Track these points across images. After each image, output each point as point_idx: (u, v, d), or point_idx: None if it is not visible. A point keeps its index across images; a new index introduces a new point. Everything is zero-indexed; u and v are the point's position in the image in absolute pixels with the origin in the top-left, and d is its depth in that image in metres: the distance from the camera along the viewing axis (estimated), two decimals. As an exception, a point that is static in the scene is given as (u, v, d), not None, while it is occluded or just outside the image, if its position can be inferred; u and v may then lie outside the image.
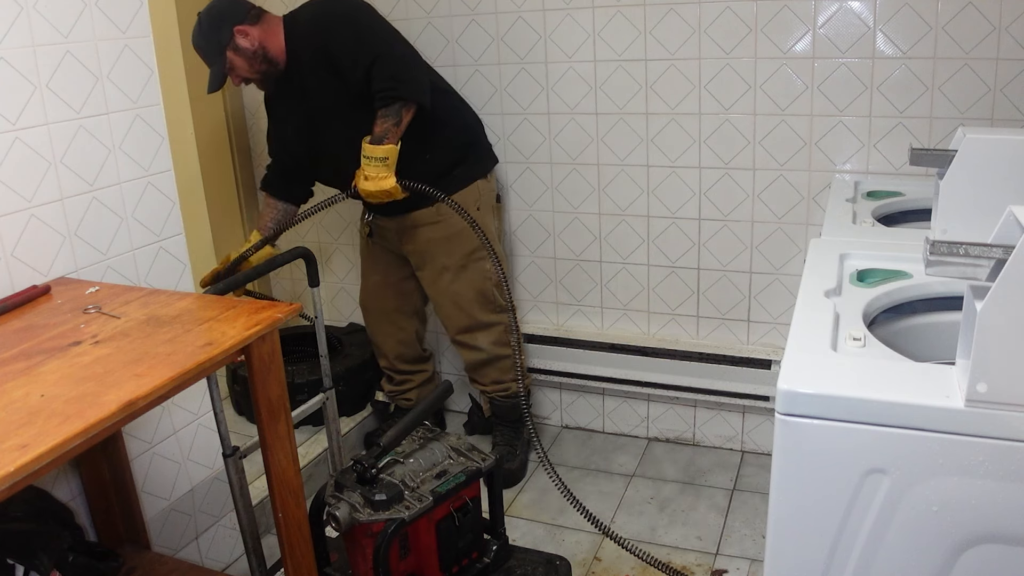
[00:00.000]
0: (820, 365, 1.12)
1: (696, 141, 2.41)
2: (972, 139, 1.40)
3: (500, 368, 2.52)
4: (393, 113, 2.12)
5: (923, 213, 1.79)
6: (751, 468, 2.56)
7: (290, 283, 3.20)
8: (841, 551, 1.10)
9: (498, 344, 2.49)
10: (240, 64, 2.20)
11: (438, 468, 1.74)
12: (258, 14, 2.22)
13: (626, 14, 2.37)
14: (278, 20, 2.25)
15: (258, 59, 2.20)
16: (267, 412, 1.40)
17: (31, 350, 1.26)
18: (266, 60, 2.22)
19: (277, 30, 2.23)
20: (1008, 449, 0.98)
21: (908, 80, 2.15)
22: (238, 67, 2.21)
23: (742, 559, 2.15)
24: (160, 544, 1.88)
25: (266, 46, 2.20)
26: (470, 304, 2.43)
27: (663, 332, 2.65)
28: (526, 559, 1.86)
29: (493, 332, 2.47)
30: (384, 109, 2.12)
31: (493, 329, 2.47)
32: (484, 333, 2.47)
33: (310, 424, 2.70)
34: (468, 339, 2.48)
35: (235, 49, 2.17)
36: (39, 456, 0.97)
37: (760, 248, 2.44)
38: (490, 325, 2.47)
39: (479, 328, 2.46)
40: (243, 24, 2.17)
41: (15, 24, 1.50)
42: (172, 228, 1.87)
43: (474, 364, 2.53)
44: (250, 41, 2.18)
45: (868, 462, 1.05)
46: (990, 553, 1.03)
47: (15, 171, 1.52)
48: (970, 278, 1.00)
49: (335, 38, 2.17)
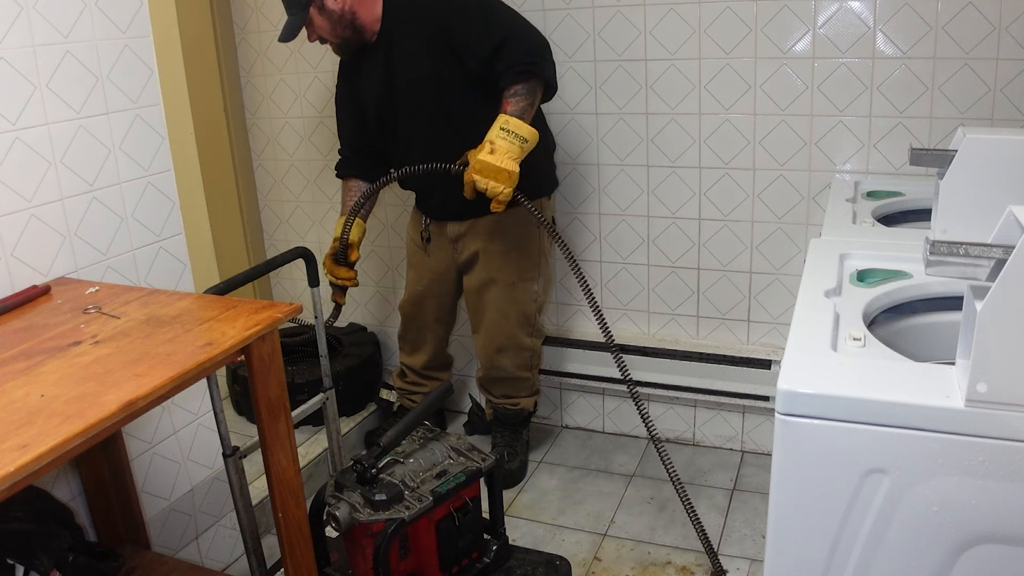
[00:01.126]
0: (820, 365, 1.12)
1: (696, 141, 2.41)
2: (972, 139, 1.40)
3: (514, 387, 2.52)
4: (528, 91, 1.98)
5: (923, 213, 1.79)
6: (751, 468, 2.56)
7: (290, 283, 3.20)
8: (841, 551, 1.10)
9: (521, 368, 2.47)
10: (321, 24, 2.09)
11: (438, 468, 1.74)
12: None
13: (626, 14, 2.37)
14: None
15: (343, 24, 2.09)
16: (267, 412, 1.40)
17: (31, 350, 1.26)
18: (353, 27, 2.11)
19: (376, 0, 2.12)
20: (1008, 449, 0.98)
21: (908, 80, 2.15)
22: (319, 25, 2.09)
23: (742, 559, 2.15)
24: (160, 544, 1.88)
25: (356, 12, 2.09)
26: (511, 323, 2.39)
27: (663, 332, 2.65)
28: (526, 559, 1.86)
29: (521, 356, 2.45)
30: (516, 86, 1.97)
31: (522, 353, 2.45)
32: (513, 355, 2.44)
33: (310, 424, 2.70)
34: (496, 358, 2.44)
35: (320, 8, 2.06)
36: (39, 456, 0.97)
37: (760, 248, 2.44)
38: (521, 349, 2.43)
39: (510, 349, 2.42)
40: None
41: (15, 24, 1.50)
42: (172, 228, 1.87)
43: (492, 379, 2.52)
44: (340, 4, 2.06)
45: (868, 462, 1.05)
46: (990, 553, 1.03)
47: (15, 171, 1.52)
48: (970, 278, 1.00)
49: (462, 16, 2.05)
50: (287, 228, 3.11)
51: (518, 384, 2.51)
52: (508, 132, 1.93)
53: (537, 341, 2.49)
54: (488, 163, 1.89)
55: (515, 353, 2.44)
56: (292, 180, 3.03)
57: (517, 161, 1.92)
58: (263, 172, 3.08)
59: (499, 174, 1.89)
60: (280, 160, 3.02)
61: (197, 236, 2.75)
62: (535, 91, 2.01)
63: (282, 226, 3.12)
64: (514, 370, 2.46)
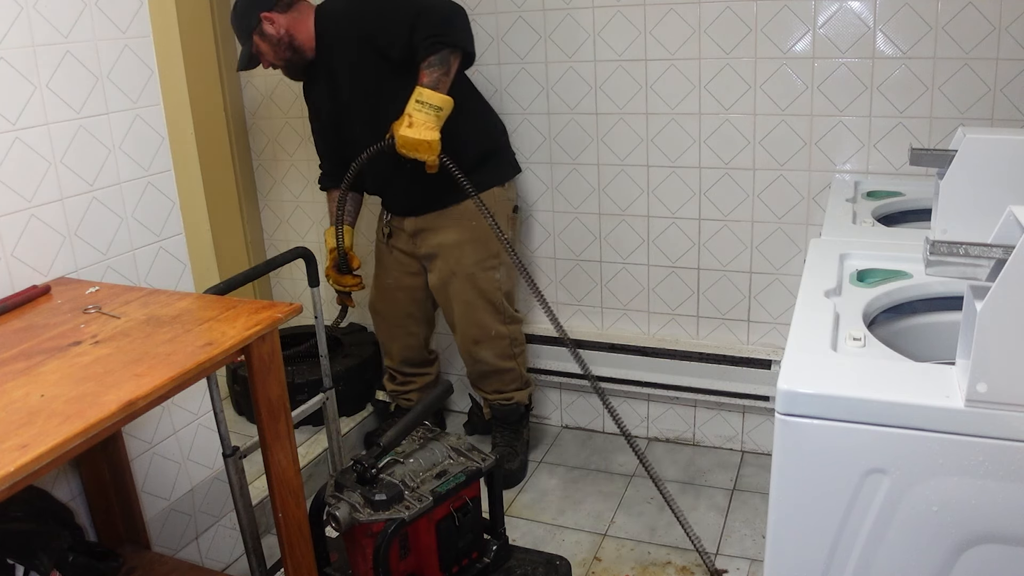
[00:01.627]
0: (820, 365, 1.12)
1: (696, 141, 2.41)
2: (972, 139, 1.40)
3: (502, 380, 2.52)
4: (441, 61, 2.05)
5: (923, 213, 1.79)
6: (751, 468, 2.56)
7: (290, 283, 3.21)
8: (841, 551, 1.10)
9: (502, 357, 2.48)
10: (266, 49, 2.21)
11: (438, 468, 1.74)
12: (289, 2, 2.21)
13: (626, 14, 2.37)
14: (310, 9, 2.23)
15: (283, 46, 2.20)
16: (267, 412, 1.40)
17: (31, 350, 1.26)
18: (292, 48, 2.21)
19: (307, 19, 2.22)
20: (1008, 449, 0.98)
21: (908, 80, 2.15)
22: (264, 52, 2.22)
23: (742, 559, 2.15)
24: (160, 544, 1.88)
25: (293, 34, 2.20)
26: (480, 312, 2.41)
27: (663, 332, 2.65)
28: (526, 559, 1.86)
29: (500, 345, 2.46)
30: (431, 57, 2.05)
31: (500, 342, 2.46)
32: (490, 345, 2.45)
33: (310, 424, 2.70)
34: (475, 350, 2.46)
35: (261, 35, 2.18)
36: (39, 456, 0.97)
37: (760, 248, 2.44)
38: (498, 337, 2.45)
39: (485, 340, 2.44)
40: (272, 11, 2.17)
41: (15, 24, 1.50)
42: (172, 228, 1.87)
43: (477, 374, 2.53)
44: (276, 28, 2.18)
45: (868, 462, 1.05)
46: (990, 553, 1.03)
47: (15, 171, 1.52)
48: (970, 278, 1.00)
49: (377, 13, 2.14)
50: (287, 228, 3.11)
51: (505, 376, 2.51)
52: (423, 103, 2.03)
53: (514, 327, 2.50)
54: (408, 137, 2.02)
55: (492, 343, 2.45)
56: (292, 180, 3.03)
57: (435, 129, 2.03)
58: (263, 172, 3.08)
59: (419, 145, 2.02)
60: (280, 160, 3.02)
61: (197, 236, 2.75)
62: (449, 60, 2.08)
63: (282, 226, 3.12)
64: (496, 361, 2.47)
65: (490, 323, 2.43)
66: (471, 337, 2.45)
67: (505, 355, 2.48)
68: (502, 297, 2.43)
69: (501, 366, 2.49)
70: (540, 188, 2.64)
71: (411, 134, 2.01)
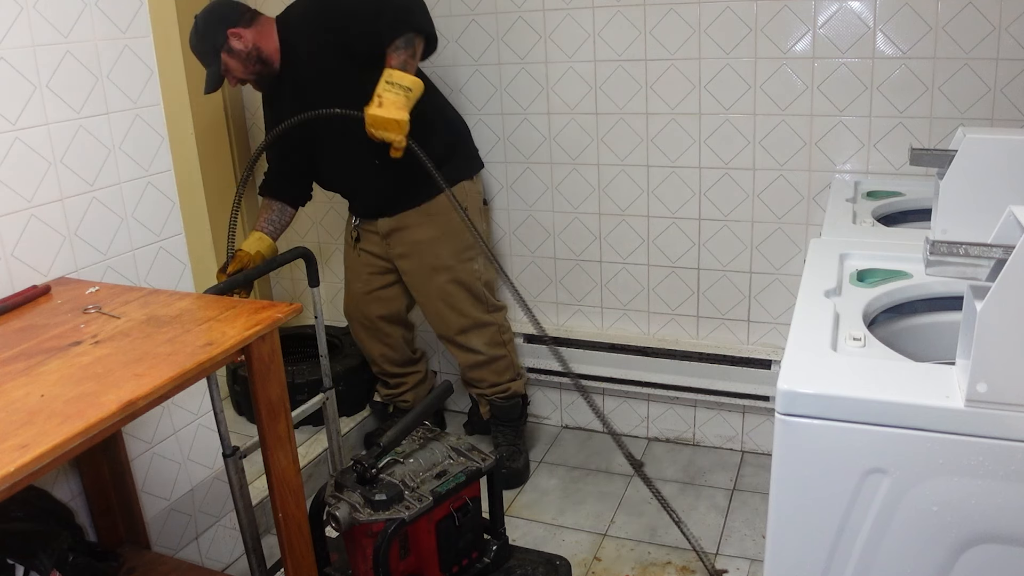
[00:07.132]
0: (820, 365, 1.12)
1: (696, 141, 2.41)
2: (972, 139, 1.40)
3: (495, 370, 2.52)
4: (406, 43, 2.08)
5: (923, 213, 1.79)
6: (751, 468, 2.56)
7: (290, 283, 3.20)
8: (841, 551, 1.10)
9: (492, 345, 2.49)
10: (235, 66, 2.22)
11: (438, 468, 1.74)
12: (252, 16, 2.23)
13: (626, 14, 2.37)
14: (271, 21, 2.26)
15: (252, 60, 2.22)
16: (267, 412, 1.40)
17: (31, 350, 1.26)
18: (260, 61, 2.23)
19: (270, 31, 2.24)
20: (1008, 449, 0.98)
21: (908, 80, 2.15)
22: (233, 68, 2.22)
23: (742, 559, 2.15)
24: (160, 544, 1.88)
25: (260, 47, 2.22)
26: (463, 304, 2.43)
27: (663, 332, 2.65)
28: (526, 559, 1.86)
29: (487, 332, 2.48)
30: (396, 40, 2.07)
31: (487, 329, 2.48)
32: (479, 333, 2.47)
33: (310, 424, 2.70)
34: (463, 340, 2.47)
35: (229, 51, 2.19)
36: (39, 456, 0.97)
37: (760, 248, 2.44)
38: (485, 325, 2.47)
39: (474, 328, 2.46)
40: (237, 27, 2.19)
41: (15, 24, 1.50)
42: (172, 228, 1.87)
43: (470, 366, 2.53)
44: (244, 43, 2.20)
45: (868, 462, 1.05)
46: (990, 553, 1.03)
47: (15, 171, 1.52)
48: (970, 278, 1.00)
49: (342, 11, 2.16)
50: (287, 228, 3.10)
51: (498, 364, 2.51)
52: (393, 84, 2.04)
53: (499, 315, 2.51)
54: (378, 116, 2.02)
55: (480, 331, 2.46)
56: (292, 180, 3.03)
57: (405, 109, 2.04)
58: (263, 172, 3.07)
59: (389, 124, 2.03)
60: (280, 160, 3.02)
61: (197, 236, 2.75)
62: (413, 42, 2.10)
63: (282, 226, 3.11)
64: (486, 348, 2.48)
65: (474, 313, 2.45)
66: (458, 327, 2.46)
67: (495, 342, 2.49)
68: (482, 287, 2.45)
69: (493, 353, 2.49)
70: (540, 188, 2.64)
71: (381, 112, 2.02)
